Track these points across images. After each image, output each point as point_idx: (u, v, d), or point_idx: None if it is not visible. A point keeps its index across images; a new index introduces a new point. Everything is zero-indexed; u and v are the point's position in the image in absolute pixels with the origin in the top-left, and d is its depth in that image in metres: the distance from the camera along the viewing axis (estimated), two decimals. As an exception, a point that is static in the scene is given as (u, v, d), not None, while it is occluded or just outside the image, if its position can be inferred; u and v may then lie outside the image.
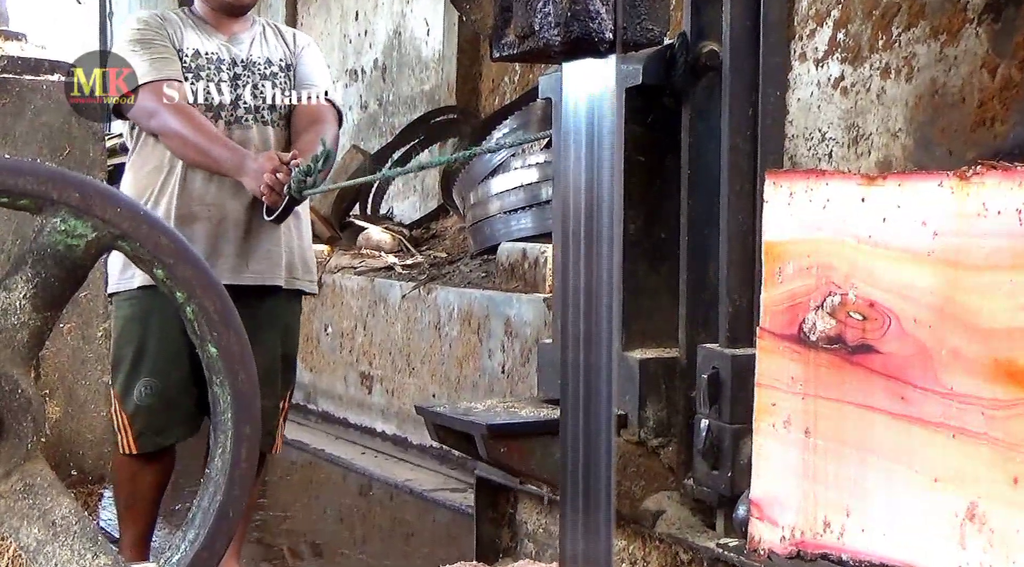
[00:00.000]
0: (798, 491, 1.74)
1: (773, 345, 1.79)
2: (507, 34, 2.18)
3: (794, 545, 1.76)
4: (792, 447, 1.75)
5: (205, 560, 1.54)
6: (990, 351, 1.49)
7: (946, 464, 1.55)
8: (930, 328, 1.56)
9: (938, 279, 1.56)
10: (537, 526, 2.91)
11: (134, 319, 2.86)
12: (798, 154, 5.13)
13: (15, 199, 1.46)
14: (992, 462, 1.49)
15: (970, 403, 1.51)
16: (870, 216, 1.65)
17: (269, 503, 4.59)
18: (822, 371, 1.71)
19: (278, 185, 2.80)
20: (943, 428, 1.55)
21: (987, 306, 1.49)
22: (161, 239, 1.52)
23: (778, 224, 1.79)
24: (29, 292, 1.49)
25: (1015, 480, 1.47)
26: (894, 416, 1.61)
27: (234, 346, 1.55)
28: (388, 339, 5.73)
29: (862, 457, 1.66)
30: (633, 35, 2.27)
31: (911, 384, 1.59)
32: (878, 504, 1.64)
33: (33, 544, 1.50)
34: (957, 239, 1.53)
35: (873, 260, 1.64)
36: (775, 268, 1.78)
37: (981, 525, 1.51)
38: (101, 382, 1.97)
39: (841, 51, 4.87)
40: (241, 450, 1.56)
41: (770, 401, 1.79)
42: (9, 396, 1.49)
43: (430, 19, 7.49)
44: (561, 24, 2.05)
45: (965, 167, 1.52)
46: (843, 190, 1.69)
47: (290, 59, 3.08)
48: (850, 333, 1.67)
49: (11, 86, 1.91)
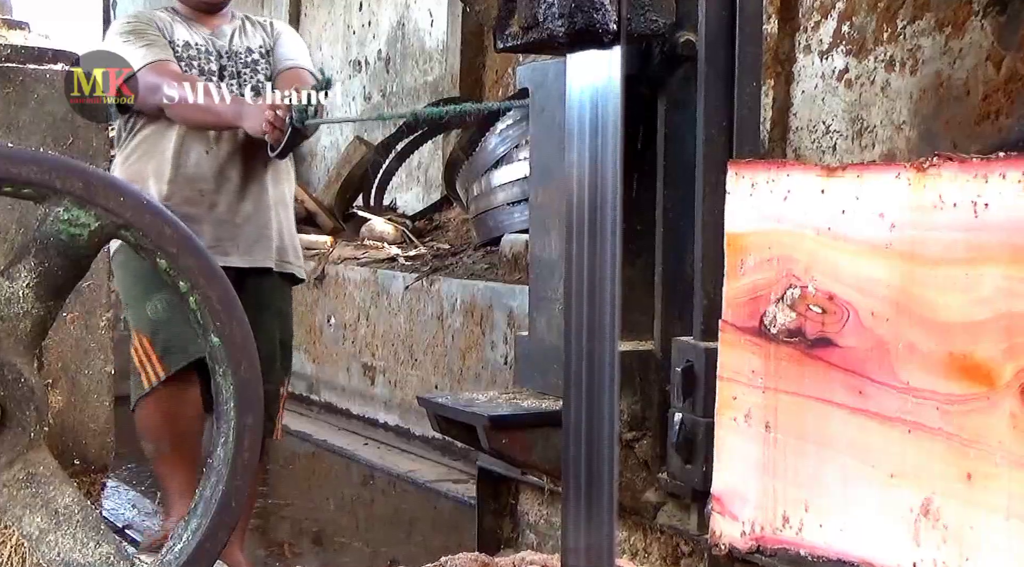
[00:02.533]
0: (758, 485, 1.72)
1: (735, 338, 1.77)
2: (511, 25, 2.18)
3: (754, 539, 1.74)
4: (752, 441, 1.74)
5: (208, 550, 1.54)
6: (946, 346, 1.47)
7: (902, 459, 1.53)
8: (887, 322, 1.54)
9: (895, 272, 1.53)
10: (539, 517, 2.91)
11: (131, 259, 2.92)
12: (802, 146, 5.13)
13: (18, 188, 1.46)
14: (947, 458, 1.47)
15: (926, 398, 1.49)
16: (830, 208, 1.62)
17: (272, 493, 4.60)
18: (782, 364, 1.69)
19: (279, 121, 2.88)
20: (899, 423, 1.53)
21: (943, 300, 1.47)
22: (164, 228, 1.52)
23: (740, 216, 1.76)
24: (32, 281, 1.49)
25: (969, 476, 1.45)
26: (852, 410, 1.59)
27: (237, 336, 1.55)
28: (391, 330, 5.74)
29: (820, 452, 1.64)
30: (637, 26, 2.26)
31: (869, 378, 1.57)
32: (836, 499, 1.62)
33: (36, 533, 1.50)
34: (914, 232, 1.51)
35: (832, 252, 1.62)
36: (737, 260, 1.77)
37: (935, 521, 1.50)
38: (104, 372, 1.97)
39: (846, 43, 4.87)
40: (244, 440, 1.56)
41: (731, 395, 1.78)
42: (12, 385, 1.49)
43: (434, 10, 7.48)
44: (565, 15, 2.05)
45: (922, 158, 1.50)
46: (803, 182, 1.66)
47: (269, 45, 3.23)
48: (810, 326, 1.65)
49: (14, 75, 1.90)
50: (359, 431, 5.72)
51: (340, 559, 3.92)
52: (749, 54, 2.25)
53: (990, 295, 1.42)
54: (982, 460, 1.43)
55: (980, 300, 1.43)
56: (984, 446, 1.42)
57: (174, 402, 2.96)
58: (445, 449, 4.97)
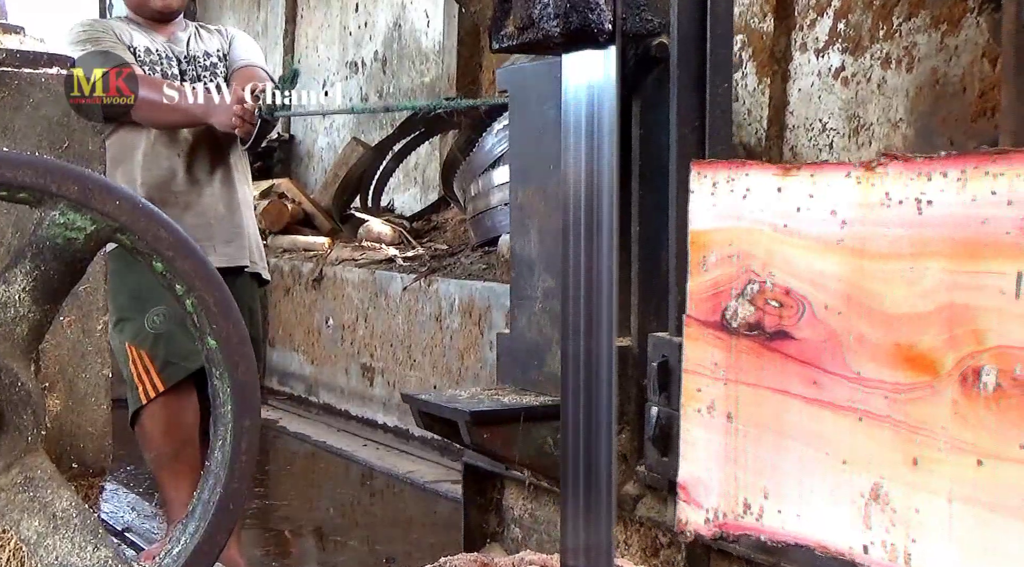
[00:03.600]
0: (721, 474, 1.78)
1: (698, 332, 1.82)
2: (506, 25, 2.18)
3: (717, 526, 1.80)
4: (715, 432, 1.79)
5: (206, 553, 1.54)
6: (892, 337, 1.54)
7: (853, 446, 1.59)
8: (839, 315, 1.61)
9: (846, 267, 1.60)
10: (523, 511, 2.94)
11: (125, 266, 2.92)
12: (799, 145, 5.13)
13: (14, 192, 1.46)
14: (894, 444, 1.54)
15: (875, 387, 1.56)
16: (785, 206, 1.68)
17: (270, 494, 4.60)
18: (742, 357, 1.74)
19: (247, 114, 2.96)
20: (850, 412, 1.59)
21: (889, 293, 1.54)
22: (160, 232, 1.52)
23: (702, 214, 1.81)
24: (28, 285, 1.49)
25: (914, 461, 1.52)
26: (807, 401, 1.65)
27: (234, 338, 1.55)
28: (389, 331, 5.74)
29: (778, 441, 1.70)
30: (633, 25, 2.27)
31: (822, 369, 1.63)
32: (793, 486, 1.68)
33: (34, 537, 1.50)
34: (863, 228, 1.57)
35: (788, 249, 1.68)
36: (700, 257, 1.81)
37: (884, 505, 1.56)
38: (101, 375, 1.97)
39: (842, 41, 4.87)
40: (241, 443, 1.55)
41: (695, 387, 1.83)
42: (9, 389, 1.49)
43: (430, 11, 7.48)
44: (560, 15, 2.05)
45: (871, 158, 1.57)
46: (761, 180, 1.72)
47: (225, 48, 3.32)
48: (768, 320, 1.71)
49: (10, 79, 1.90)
50: (358, 432, 5.72)
51: (337, 558, 3.92)
52: (720, 56, 2.28)
53: (932, 288, 1.49)
54: (926, 446, 1.50)
55: (923, 293, 1.50)
56: (928, 432, 1.49)
57: (172, 412, 2.98)
58: (444, 450, 4.97)
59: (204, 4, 10.41)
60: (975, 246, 1.44)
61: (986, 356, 1.44)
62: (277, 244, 6.96)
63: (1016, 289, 1.40)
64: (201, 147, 3.16)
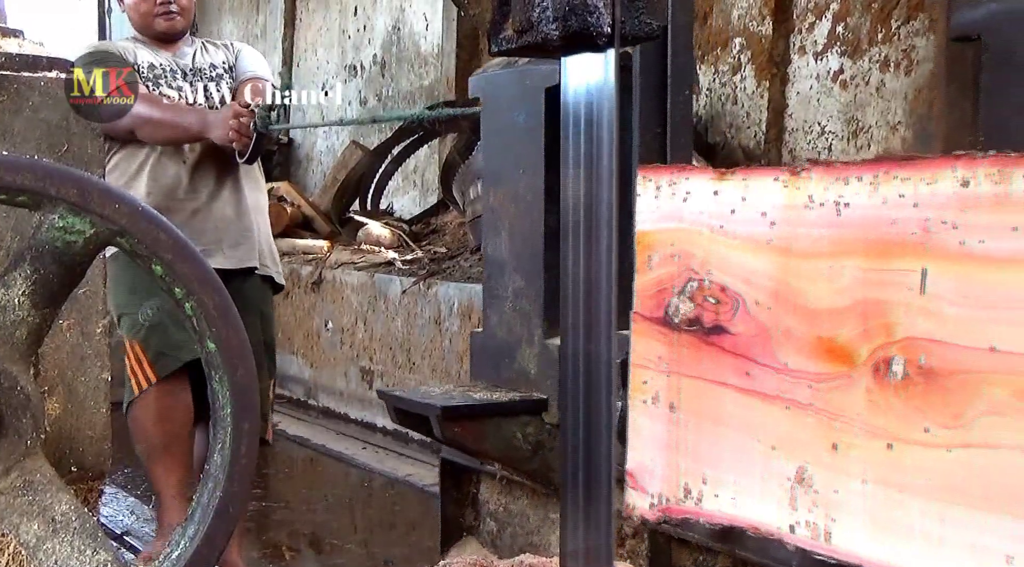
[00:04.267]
0: (664, 461, 1.88)
1: (644, 328, 1.92)
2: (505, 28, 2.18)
3: (661, 511, 1.89)
4: (659, 421, 1.89)
5: (205, 555, 1.54)
6: (815, 330, 1.64)
7: (780, 433, 1.70)
8: (769, 310, 1.71)
9: (774, 265, 1.70)
10: (498, 505, 3.01)
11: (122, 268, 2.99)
12: (798, 148, 5.13)
13: (13, 196, 1.46)
14: (816, 431, 1.64)
15: (799, 378, 1.66)
16: (721, 208, 1.79)
17: (269, 496, 4.60)
18: (683, 351, 1.84)
19: (243, 128, 3.02)
20: (778, 401, 1.69)
21: (812, 289, 1.65)
22: (160, 235, 1.52)
23: (647, 216, 1.91)
24: (27, 289, 1.49)
25: (834, 446, 1.63)
26: (741, 391, 1.76)
27: (233, 342, 1.55)
28: (388, 334, 5.74)
29: (715, 429, 1.80)
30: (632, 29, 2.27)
31: (754, 361, 1.73)
32: (728, 471, 1.78)
33: (33, 541, 1.50)
34: (789, 229, 1.68)
35: (723, 248, 1.78)
36: (645, 256, 1.92)
37: (808, 487, 1.66)
38: (100, 378, 1.97)
39: (840, 44, 4.88)
40: (241, 445, 1.55)
41: (642, 379, 1.93)
42: (8, 393, 1.49)
43: (429, 14, 7.49)
44: (559, 18, 2.05)
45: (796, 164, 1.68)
46: (699, 184, 1.83)
47: (231, 61, 3.36)
48: (706, 315, 1.81)
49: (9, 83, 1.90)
50: (357, 435, 5.71)
51: (336, 561, 3.92)
52: (680, 65, 2.32)
53: (849, 285, 1.60)
54: (844, 432, 1.61)
55: (841, 289, 1.60)
56: (846, 419, 1.60)
57: (165, 403, 3.01)
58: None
59: (203, 8, 10.41)
60: (886, 245, 1.55)
61: (895, 347, 1.54)
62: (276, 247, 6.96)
63: (921, 284, 1.51)
64: (207, 156, 3.20)
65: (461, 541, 3.03)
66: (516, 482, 2.88)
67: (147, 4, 3.25)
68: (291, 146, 8.92)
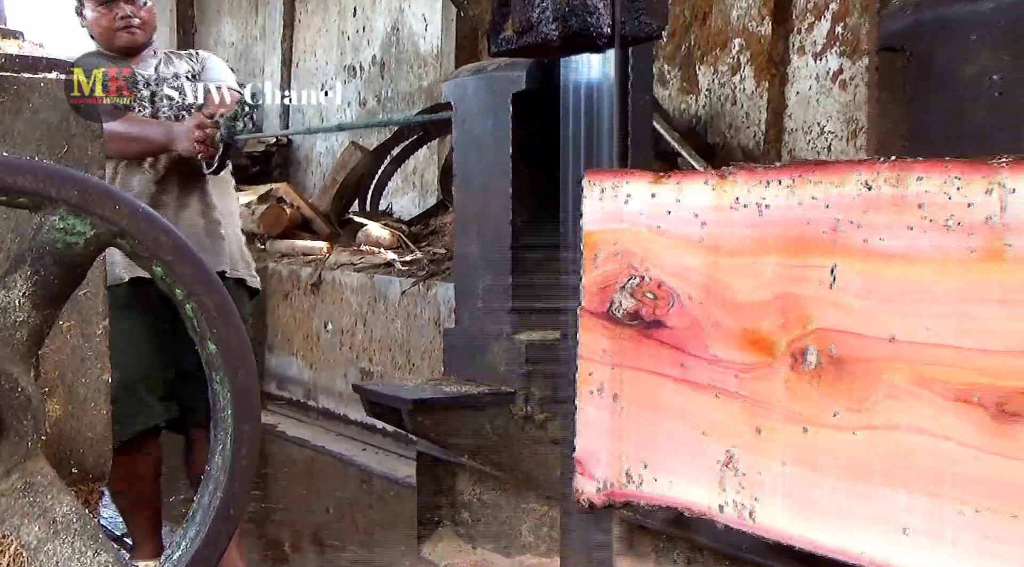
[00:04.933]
0: (608, 448, 2.00)
1: (590, 322, 2.02)
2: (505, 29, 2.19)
3: (606, 495, 2.00)
4: (604, 410, 2.00)
5: (207, 557, 1.54)
6: (741, 323, 1.75)
7: (711, 420, 1.81)
8: (700, 304, 1.82)
9: (705, 262, 1.81)
10: (472, 496, 3.10)
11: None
12: (797, 148, 5.13)
13: (13, 197, 1.46)
14: (742, 417, 1.75)
15: (728, 368, 1.78)
16: (658, 209, 1.90)
17: (268, 498, 4.59)
18: (625, 344, 1.95)
19: (208, 139, 3.05)
20: (709, 389, 1.81)
21: (738, 285, 1.76)
22: (160, 236, 1.52)
23: (593, 217, 2.03)
24: (28, 290, 1.48)
25: (757, 431, 1.73)
26: (676, 381, 1.87)
27: (233, 343, 1.55)
28: (388, 335, 5.73)
29: (654, 417, 1.91)
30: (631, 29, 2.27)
31: (688, 353, 1.84)
32: (665, 456, 1.90)
33: (34, 542, 1.50)
34: (718, 228, 1.79)
35: (660, 247, 1.89)
36: (591, 255, 2.02)
37: (735, 470, 1.78)
38: (101, 380, 1.96)
39: (840, 44, 4.88)
40: (241, 447, 1.55)
41: (588, 371, 2.03)
42: (9, 394, 1.48)
43: (428, 15, 7.49)
44: (559, 19, 2.05)
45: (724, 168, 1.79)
46: (638, 187, 1.93)
47: (196, 70, 3.37)
48: (645, 310, 1.92)
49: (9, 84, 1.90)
50: (357, 436, 5.71)
51: (336, 562, 3.92)
52: (641, 70, 2.37)
53: (770, 280, 1.71)
54: (766, 417, 1.72)
55: (763, 284, 1.71)
56: (768, 405, 1.71)
57: (126, 468, 3.10)
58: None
59: (202, 9, 10.42)
60: (801, 243, 1.67)
61: (810, 338, 1.66)
62: (275, 248, 6.96)
63: (831, 279, 1.62)
64: (174, 166, 3.24)
65: (437, 532, 3.12)
66: (489, 474, 2.96)
67: (108, 19, 3.27)
68: (290, 147, 8.92)
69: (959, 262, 1.48)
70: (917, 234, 1.52)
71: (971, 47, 1.88)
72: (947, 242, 1.50)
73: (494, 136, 2.66)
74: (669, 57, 5.68)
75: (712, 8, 5.45)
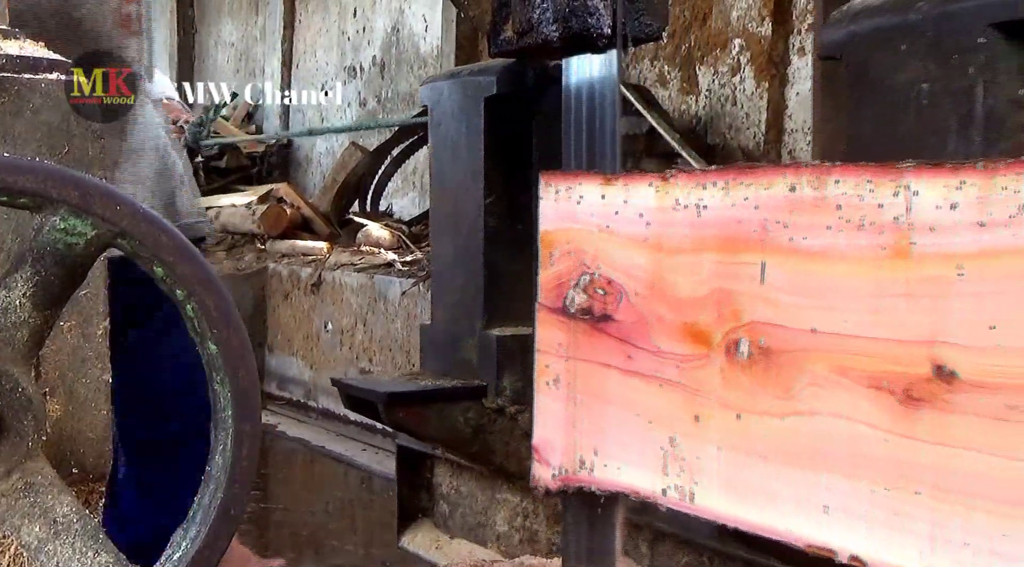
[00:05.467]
0: (563, 436, 2.10)
1: (546, 317, 2.14)
2: (505, 30, 2.19)
3: (561, 481, 2.10)
4: (559, 401, 2.11)
5: (206, 558, 1.54)
6: (681, 317, 1.87)
7: (655, 408, 1.92)
8: (645, 300, 1.93)
9: (650, 260, 1.92)
10: (451, 488, 3.20)
11: None
12: (797, 149, 5.13)
13: (14, 198, 1.46)
14: (683, 405, 1.87)
15: (670, 359, 1.89)
16: (607, 210, 2.00)
17: (270, 498, 4.60)
18: (579, 337, 2.06)
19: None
20: (653, 379, 1.92)
21: (679, 281, 1.87)
22: (161, 237, 1.51)
23: (548, 217, 2.13)
24: (29, 291, 1.48)
25: (696, 418, 1.85)
26: (624, 372, 1.97)
27: (234, 343, 1.55)
28: (388, 335, 5.74)
29: (604, 407, 2.02)
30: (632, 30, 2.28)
31: (634, 345, 1.95)
32: (614, 443, 2.00)
33: (34, 543, 1.50)
34: (661, 228, 1.90)
35: (609, 246, 2.00)
36: (547, 253, 2.13)
37: (676, 455, 1.89)
38: (102, 380, 1.96)
39: (840, 45, 4.87)
40: (242, 448, 1.55)
41: (545, 364, 2.14)
42: (9, 395, 1.48)
43: (428, 16, 7.49)
44: (559, 20, 2.06)
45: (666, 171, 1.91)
46: (590, 189, 2.04)
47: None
48: (596, 305, 2.02)
49: (9, 85, 1.90)
50: (357, 437, 5.71)
51: (335, 562, 3.92)
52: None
53: (707, 276, 1.82)
54: (704, 405, 1.83)
55: (701, 280, 1.83)
56: (705, 394, 1.83)
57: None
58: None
59: (202, 10, 10.42)
60: (734, 242, 1.77)
61: (742, 330, 1.77)
62: (276, 249, 6.96)
63: (761, 275, 1.73)
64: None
65: (416, 523, 3.20)
66: (466, 466, 3.06)
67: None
68: (290, 148, 8.92)
69: (871, 259, 1.59)
70: (835, 233, 1.64)
71: (901, 57, 1.98)
72: (861, 241, 1.61)
73: (467, 139, 2.76)
74: (669, 58, 5.68)
75: (712, 9, 5.45)
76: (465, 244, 2.95)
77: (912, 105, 1.96)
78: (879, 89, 2.04)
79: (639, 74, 5.85)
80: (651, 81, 5.77)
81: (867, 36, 2.06)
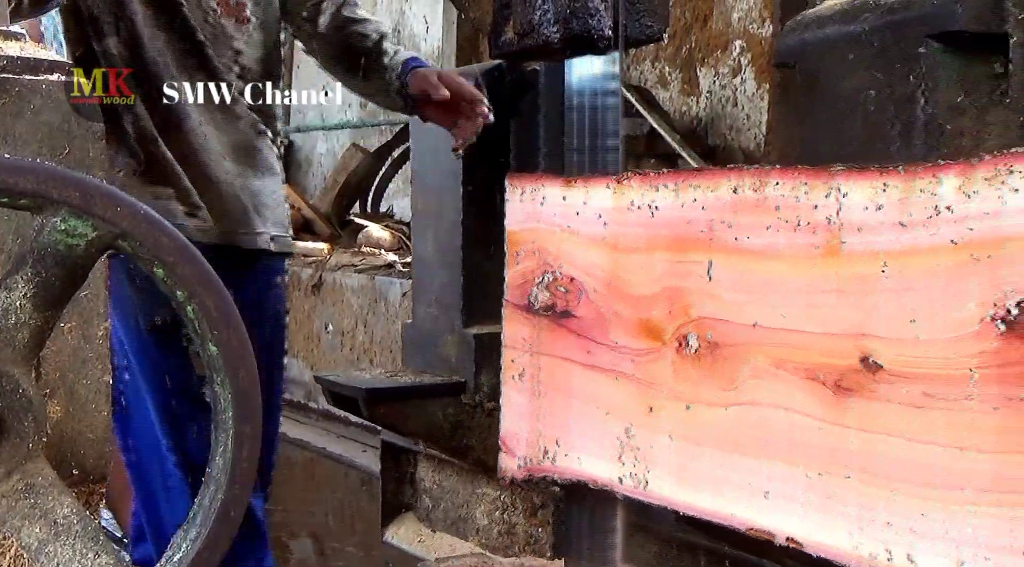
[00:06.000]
0: (528, 428, 2.17)
1: (512, 314, 2.20)
2: (506, 31, 2.19)
3: (526, 471, 2.18)
4: (524, 394, 2.19)
5: (207, 559, 1.54)
6: (636, 313, 1.94)
7: (613, 400, 1.99)
8: (604, 297, 2.00)
9: (608, 259, 1.99)
10: (432, 483, 3.28)
11: None
12: (798, 149, 5.11)
13: (15, 199, 1.46)
14: (637, 397, 1.95)
15: (625, 353, 1.97)
16: (568, 210, 2.08)
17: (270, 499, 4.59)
18: (542, 333, 2.13)
19: None
20: (611, 373, 1.99)
21: (634, 279, 1.95)
22: (161, 238, 1.52)
23: (514, 217, 2.20)
24: (29, 292, 1.48)
25: (649, 409, 1.93)
26: (584, 366, 2.05)
27: (235, 344, 1.55)
28: (389, 336, 5.73)
29: (566, 399, 2.09)
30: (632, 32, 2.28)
31: (593, 340, 2.03)
32: (575, 434, 2.08)
33: (35, 544, 1.50)
34: (618, 228, 1.97)
35: (570, 245, 2.07)
36: (513, 252, 2.20)
37: (632, 445, 1.96)
38: (102, 381, 1.97)
39: (840, 46, 4.87)
40: (243, 449, 1.55)
41: (511, 358, 2.21)
42: (10, 396, 1.48)
43: (429, 16, 7.49)
44: (560, 21, 2.06)
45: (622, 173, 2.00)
46: (552, 191, 2.11)
47: None
48: (558, 302, 2.10)
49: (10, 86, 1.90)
50: (357, 437, 5.70)
51: (336, 563, 3.92)
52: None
53: (660, 275, 1.90)
54: (657, 397, 1.92)
55: (654, 278, 1.91)
56: (658, 386, 1.91)
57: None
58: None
59: (203, 10, 10.40)
60: (684, 241, 1.86)
61: (691, 325, 1.86)
62: (276, 250, 6.95)
63: (708, 273, 1.82)
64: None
65: (400, 517, 3.27)
66: (447, 460, 3.16)
67: None
68: (291, 148, 8.92)
69: (806, 257, 1.68)
70: (774, 233, 1.72)
71: (848, 65, 2.04)
72: (797, 240, 1.69)
73: (447, 141, 2.76)
74: (670, 59, 5.68)
75: (713, 10, 5.45)
76: (445, 244, 3.02)
77: (859, 111, 2.02)
78: (829, 96, 2.10)
79: (640, 75, 5.85)
80: (652, 82, 5.77)
81: (818, 45, 2.11)
